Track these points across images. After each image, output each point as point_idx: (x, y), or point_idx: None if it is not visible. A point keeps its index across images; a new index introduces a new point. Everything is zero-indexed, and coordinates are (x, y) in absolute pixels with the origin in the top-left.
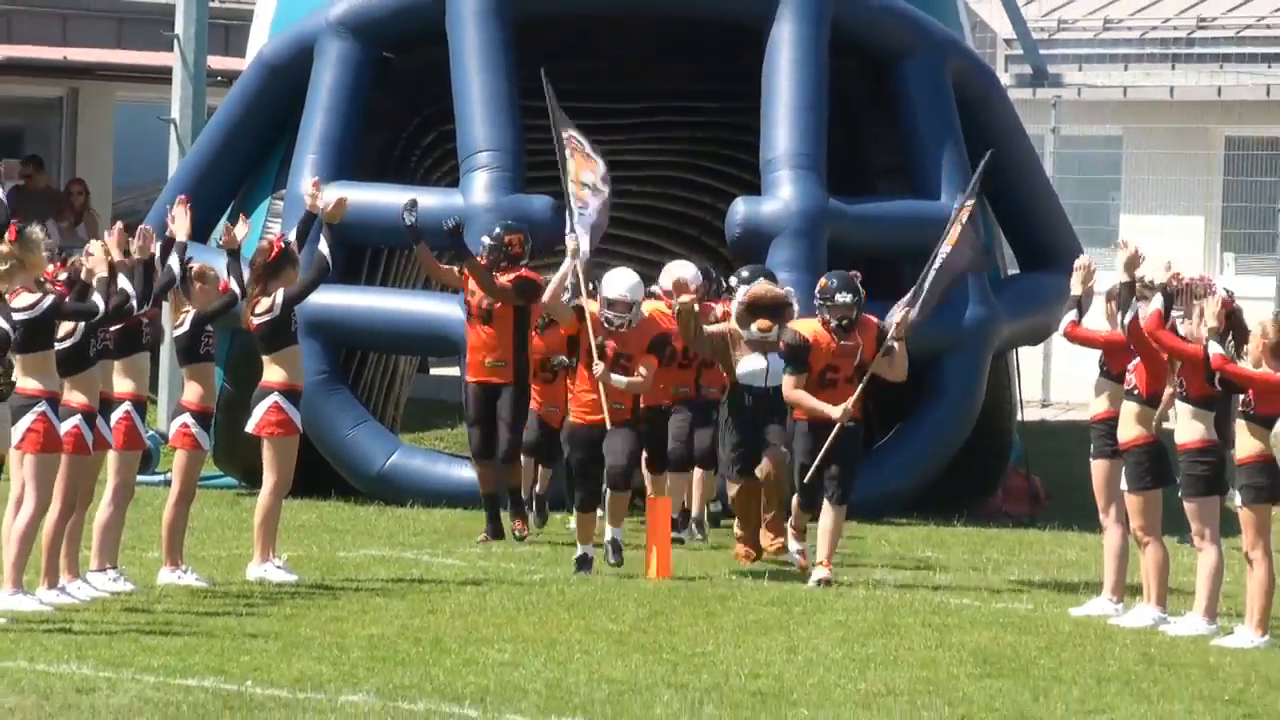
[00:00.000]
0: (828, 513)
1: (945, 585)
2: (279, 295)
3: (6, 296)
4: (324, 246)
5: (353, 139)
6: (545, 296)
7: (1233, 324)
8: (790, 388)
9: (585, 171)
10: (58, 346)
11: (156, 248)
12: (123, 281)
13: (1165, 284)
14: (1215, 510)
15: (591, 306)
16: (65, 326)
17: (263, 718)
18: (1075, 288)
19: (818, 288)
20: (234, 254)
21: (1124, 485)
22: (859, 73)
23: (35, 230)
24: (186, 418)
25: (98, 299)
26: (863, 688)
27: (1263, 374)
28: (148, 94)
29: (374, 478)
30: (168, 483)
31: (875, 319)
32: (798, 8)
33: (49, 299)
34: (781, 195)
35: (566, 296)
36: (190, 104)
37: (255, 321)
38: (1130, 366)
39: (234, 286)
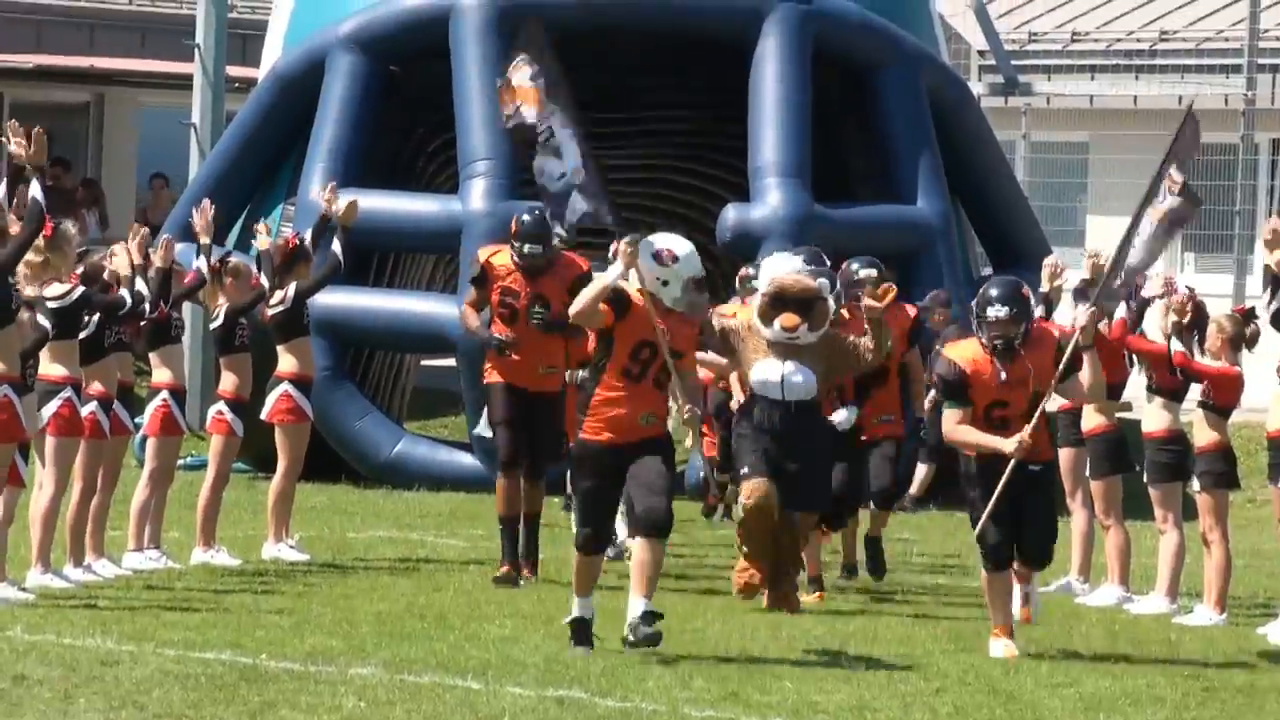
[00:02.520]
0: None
1: (922, 567)
2: (291, 288)
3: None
4: (336, 247)
5: (361, 148)
6: (579, 307)
7: (1198, 319)
8: (950, 425)
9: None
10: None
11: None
12: (139, 284)
13: (1097, 283)
14: (1178, 496)
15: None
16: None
17: (276, 689)
18: (1044, 285)
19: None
20: (262, 253)
21: (1088, 471)
22: (839, 84)
23: (68, 226)
24: (222, 405)
25: (124, 294)
26: (844, 663)
27: (1220, 367)
28: (170, 99)
29: (381, 465)
30: (192, 467)
31: (1053, 328)
32: (782, 25)
33: (79, 290)
34: (769, 201)
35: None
36: (210, 110)
37: (269, 312)
38: None
39: (264, 282)
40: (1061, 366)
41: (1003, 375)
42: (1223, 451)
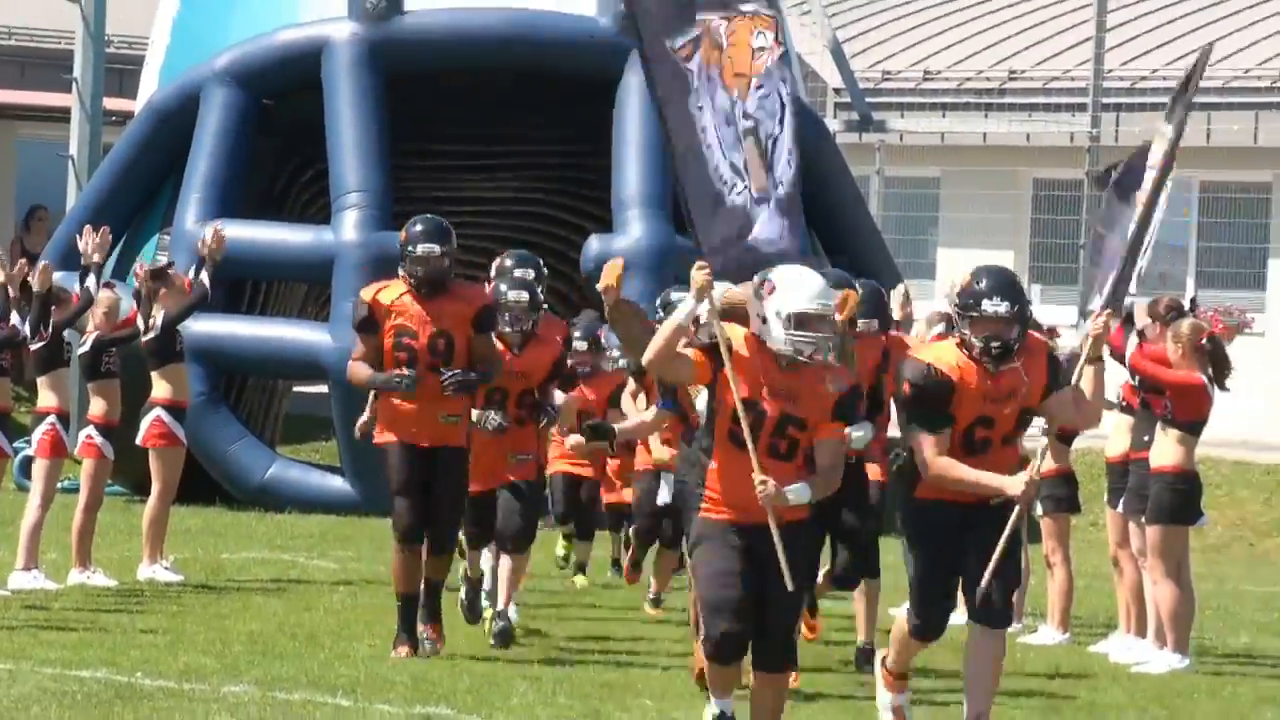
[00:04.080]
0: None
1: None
2: (159, 316)
3: None
4: (204, 276)
5: (235, 179)
6: (653, 353)
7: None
8: (932, 454)
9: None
10: None
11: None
12: (14, 317)
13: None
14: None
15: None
16: None
17: (151, 707)
18: (895, 314)
19: (957, 289)
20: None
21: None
22: None
23: None
24: (91, 430)
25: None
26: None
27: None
28: (47, 131)
29: (254, 488)
30: (67, 490)
31: (1042, 336)
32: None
33: None
34: (632, 232)
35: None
36: (87, 141)
37: (143, 339)
38: None
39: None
40: (1082, 361)
41: (988, 384)
42: (1064, 476)
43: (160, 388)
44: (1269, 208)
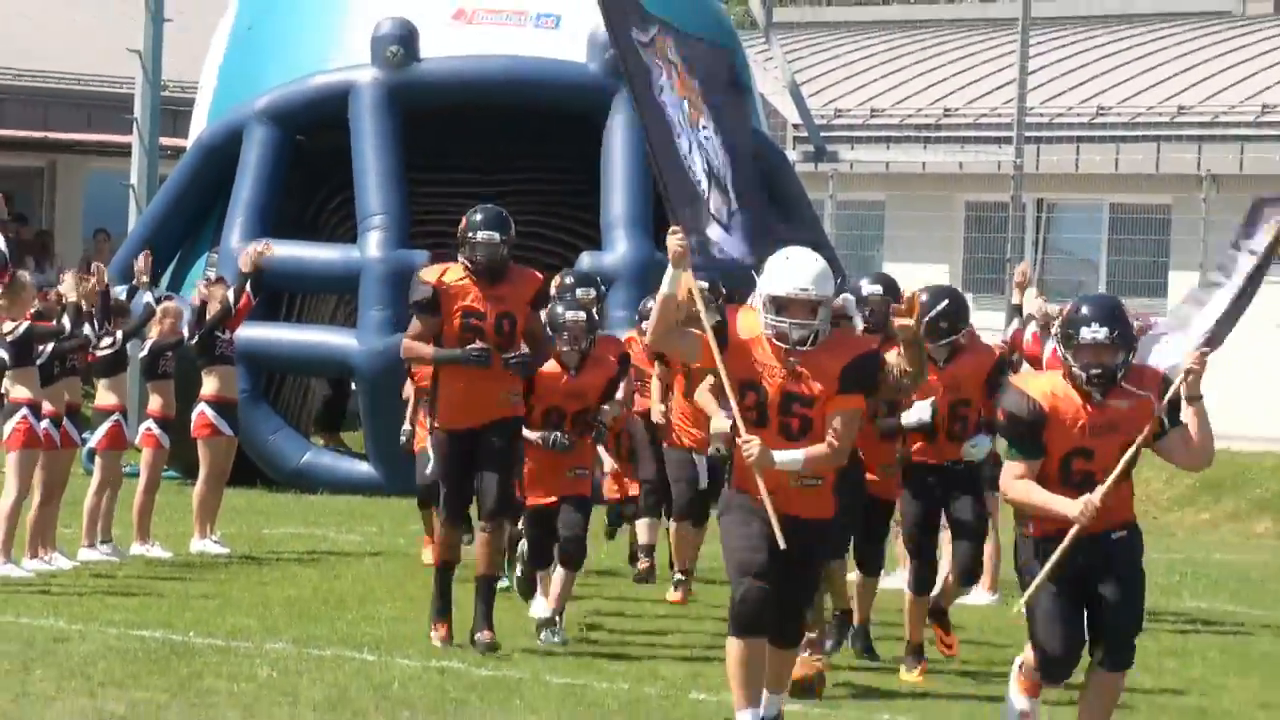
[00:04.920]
0: None
1: None
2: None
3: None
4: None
5: (273, 205)
6: (652, 331)
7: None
8: (1009, 479)
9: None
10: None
11: (124, 290)
12: (86, 329)
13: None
14: (995, 504)
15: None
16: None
17: (202, 661)
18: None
19: (1060, 318)
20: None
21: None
22: None
23: (24, 275)
24: (150, 423)
25: (65, 321)
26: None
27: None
28: (112, 165)
29: (291, 472)
30: (128, 475)
31: (1157, 368)
32: (629, 102)
33: (24, 325)
34: (618, 249)
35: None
36: (145, 173)
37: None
38: None
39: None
40: (1158, 416)
41: (1090, 416)
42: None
43: (207, 385)
44: (1169, 227)
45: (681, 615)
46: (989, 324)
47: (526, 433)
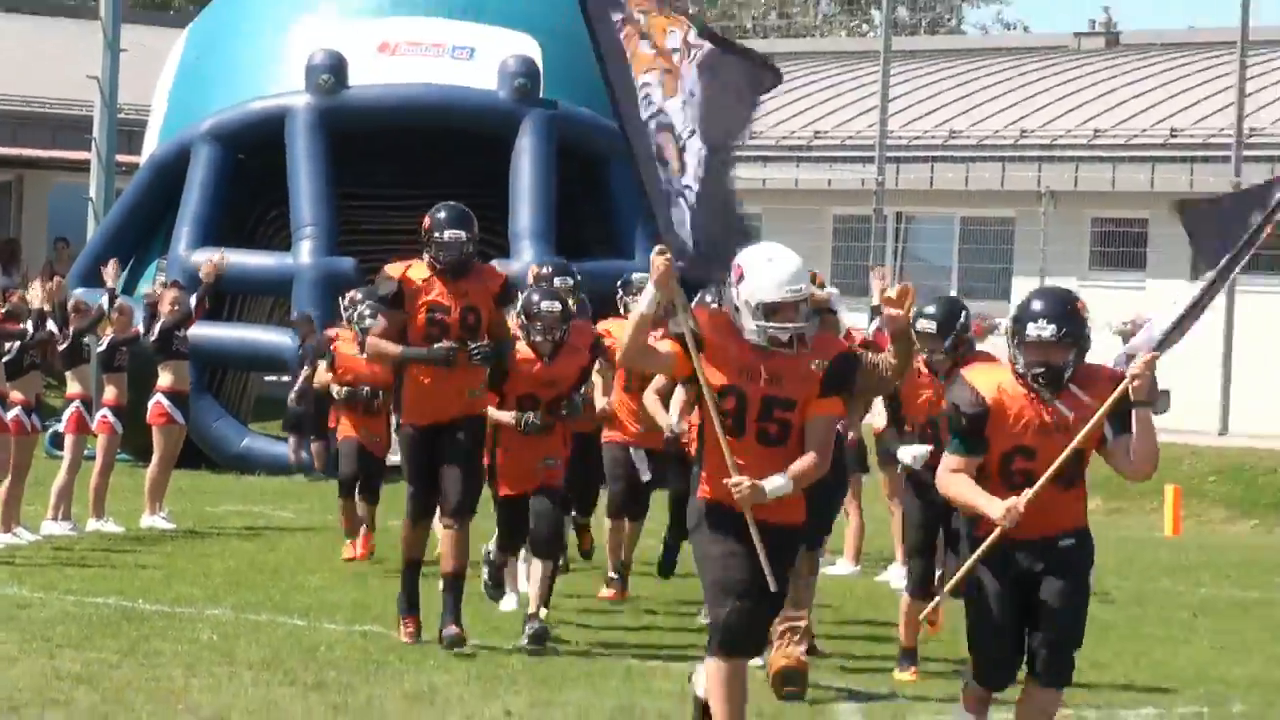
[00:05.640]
0: None
1: None
2: (159, 323)
3: None
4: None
5: (216, 217)
6: (624, 350)
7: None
8: (947, 470)
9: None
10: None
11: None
12: (49, 323)
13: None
14: (859, 486)
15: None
16: None
17: (150, 626)
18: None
19: (1012, 315)
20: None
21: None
22: (579, 169)
23: None
24: (105, 410)
25: (28, 325)
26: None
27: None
28: (74, 179)
29: (232, 456)
30: (86, 458)
31: (1106, 367)
32: (535, 124)
33: None
34: (524, 257)
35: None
36: (103, 187)
37: (150, 340)
38: None
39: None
40: (1101, 411)
41: (1041, 416)
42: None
43: (163, 378)
44: (1013, 238)
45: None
46: (855, 324)
47: (499, 414)
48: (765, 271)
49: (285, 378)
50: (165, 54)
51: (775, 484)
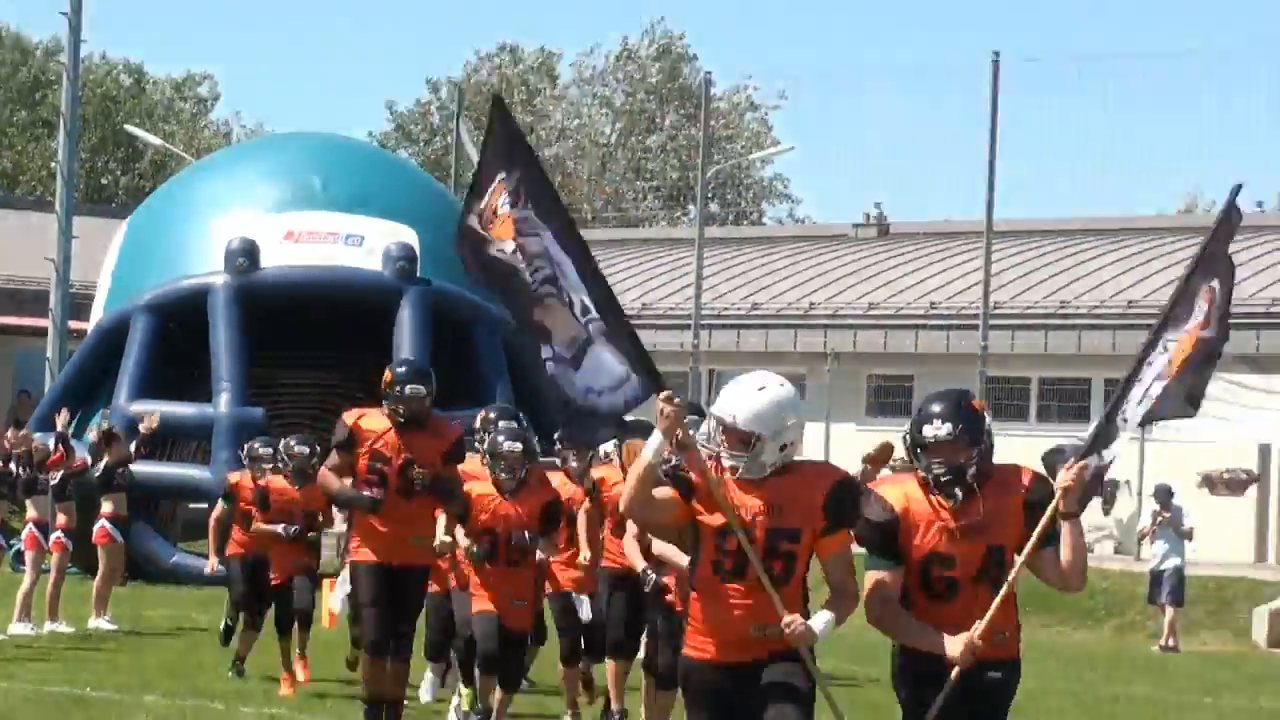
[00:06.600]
0: None
1: None
2: (103, 462)
3: None
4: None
5: (151, 374)
6: (627, 501)
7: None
8: (874, 597)
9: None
10: None
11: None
12: (13, 465)
13: None
14: None
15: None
16: None
17: (96, 709)
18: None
19: (911, 421)
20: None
21: None
22: (450, 333)
23: None
24: (59, 533)
25: None
26: None
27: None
28: (33, 343)
29: (164, 569)
30: (44, 570)
31: (1025, 468)
32: (414, 297)
33: None
34: None
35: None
36: (58, 349)
37: (95, 476)
38: None
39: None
40: (1037, 532)
41: (950, 521)
42: None
43: (106, 506)
44: (805, 391)
45: None
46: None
47: (449, 539)
48: (728, 389)
49: (205, 505)
50: (109, 240)
51: (822, 620)
